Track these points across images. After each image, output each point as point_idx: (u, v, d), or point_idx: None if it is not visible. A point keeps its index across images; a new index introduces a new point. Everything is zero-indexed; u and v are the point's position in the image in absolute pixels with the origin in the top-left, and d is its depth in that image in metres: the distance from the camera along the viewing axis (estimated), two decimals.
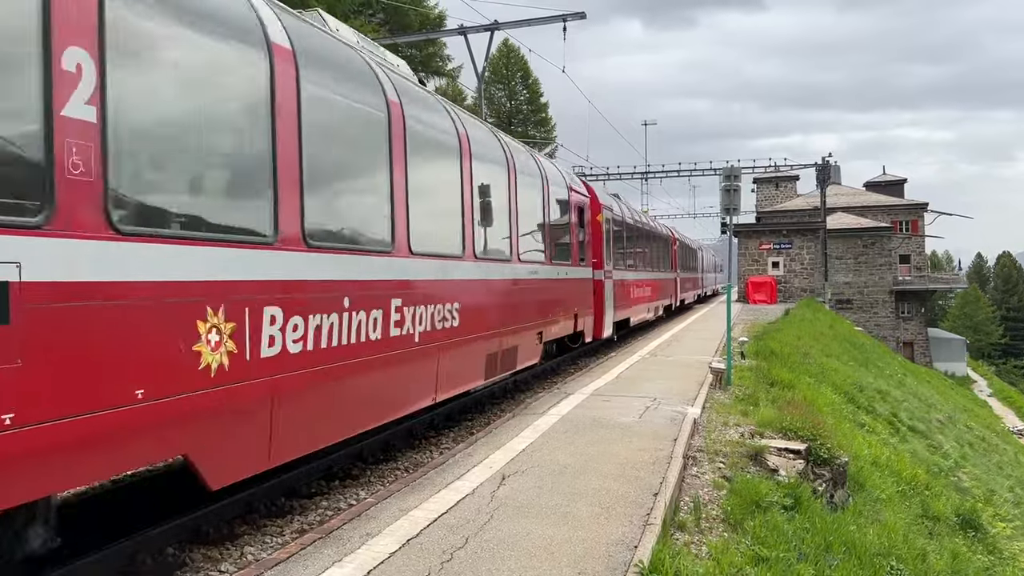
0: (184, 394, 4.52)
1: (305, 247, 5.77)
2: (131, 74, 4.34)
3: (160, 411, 4.33)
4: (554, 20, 21.30)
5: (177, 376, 4.47)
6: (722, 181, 13.01)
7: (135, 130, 4.41)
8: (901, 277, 59.34)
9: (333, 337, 6.09)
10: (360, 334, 6.50)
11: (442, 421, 10.17)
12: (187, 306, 4.58)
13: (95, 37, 4.01)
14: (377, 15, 39.14)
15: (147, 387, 4.23)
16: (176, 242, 4.55)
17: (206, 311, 4.70)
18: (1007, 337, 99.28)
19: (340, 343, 6.18)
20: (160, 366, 4.35)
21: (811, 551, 5.95)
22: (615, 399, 10.38)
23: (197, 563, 5.42)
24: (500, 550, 4.83)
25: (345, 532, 5.13)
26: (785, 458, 8.23)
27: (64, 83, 3.80)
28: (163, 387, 4.37)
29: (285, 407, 5.50)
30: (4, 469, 3.48)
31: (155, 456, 4.65)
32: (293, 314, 5.57)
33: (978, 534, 11.45)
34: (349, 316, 6.33)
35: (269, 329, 5.30)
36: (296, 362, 5.58)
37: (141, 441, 4.31)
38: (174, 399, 4.44)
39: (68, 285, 3.80)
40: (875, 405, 18.88)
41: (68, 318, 3.79)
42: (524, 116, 60.54)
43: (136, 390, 4.16)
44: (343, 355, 6.23)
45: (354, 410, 6.63)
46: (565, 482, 6.35)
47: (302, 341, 5.67)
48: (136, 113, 4.41)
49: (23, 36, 3.67)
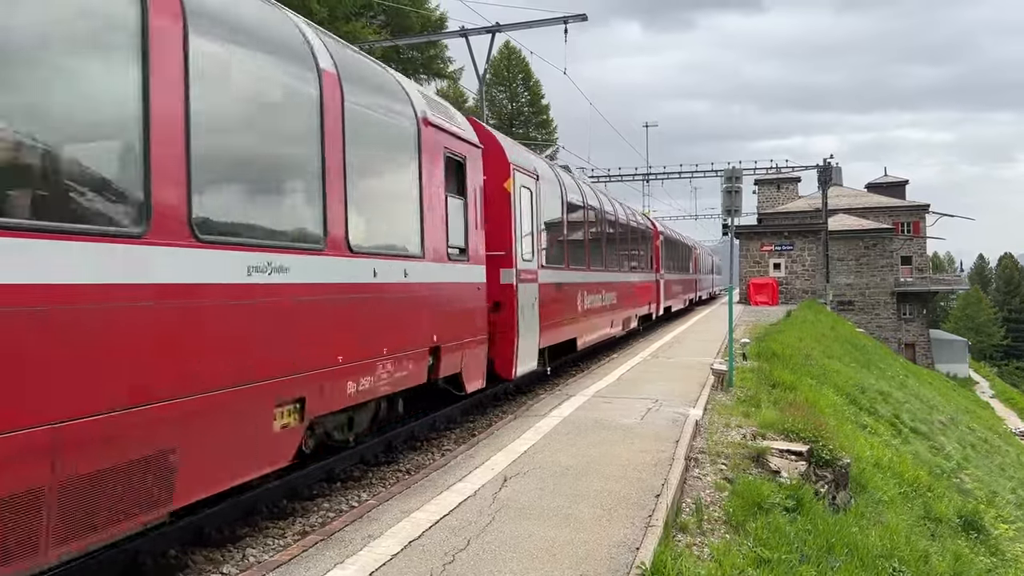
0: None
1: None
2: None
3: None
4: (555, 22, 21.31)
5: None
6: (723, 183, 13.01)
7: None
8: (903, 278, 59.30)
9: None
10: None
11: (443, 423, 10.17)
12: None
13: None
14: (378, 17, 39.18)
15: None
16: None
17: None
18: (1009, 338, 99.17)
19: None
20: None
21: (813, 553, 5.94)
22: (617, 401, 10.38)
23: (199, 565, 5.42)
24: (502, 552, 4.83)
25: (347, 534, 5.13)
26: (787, 460, 8.22)
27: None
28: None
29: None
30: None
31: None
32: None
33: (980, 536, 11.42)
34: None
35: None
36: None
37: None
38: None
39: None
40: (877, 407, 18.85)
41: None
42: (526, 118, 60.58)
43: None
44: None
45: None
46: (567, 484, 6.34)
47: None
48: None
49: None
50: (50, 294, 3.72)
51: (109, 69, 4.35)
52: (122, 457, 4.09)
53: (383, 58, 39.26)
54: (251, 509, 6.35)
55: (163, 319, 4.45)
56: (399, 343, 7.41)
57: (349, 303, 6.54)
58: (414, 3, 37.56)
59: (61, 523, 3.73)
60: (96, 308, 3.97)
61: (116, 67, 4.35)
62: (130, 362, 4.17)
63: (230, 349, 5.01)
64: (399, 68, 43.69)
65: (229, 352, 4.99)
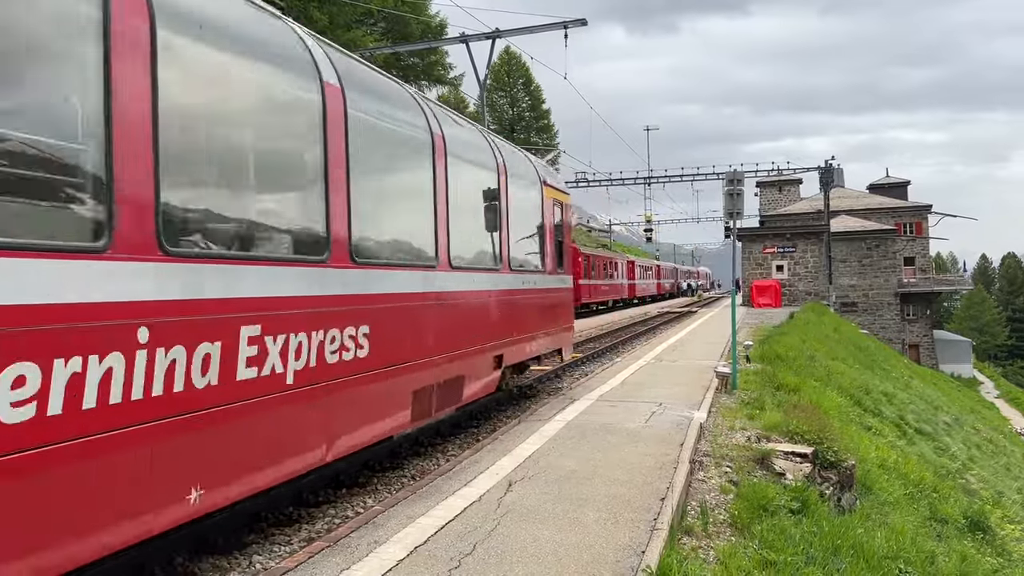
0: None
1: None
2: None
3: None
4: (555, 27, 21.37)
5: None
6: (725, 185, 13.02)
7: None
8: (906, 279, 59.27)
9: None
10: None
11: (448, 428, 10.18)
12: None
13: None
14: (379, 24, 39.31)
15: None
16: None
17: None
18: (1013, 338, 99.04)
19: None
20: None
21: (819, 554, 5.93)
22: (621, 404, 10.38)
23: (205, 572, 5.43)
24: (508, 556, 4.84)
25: (353, 540, 5.14)
26: (792, 462, 8.22)
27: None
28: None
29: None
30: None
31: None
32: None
33: (987, 536, 11.40)
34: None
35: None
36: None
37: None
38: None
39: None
40: (881, 408, 18.83)
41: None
42: (527, 123, 60.72)
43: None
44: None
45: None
46: (572, 488, 6.35)
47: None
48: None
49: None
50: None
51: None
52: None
53: (383, 65, 39.40)
54: (257, 516, 6.36)
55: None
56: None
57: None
58: (414, 10, 37.66)
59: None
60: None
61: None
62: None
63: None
64: (399, 75, 43.81)
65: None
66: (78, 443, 3.69)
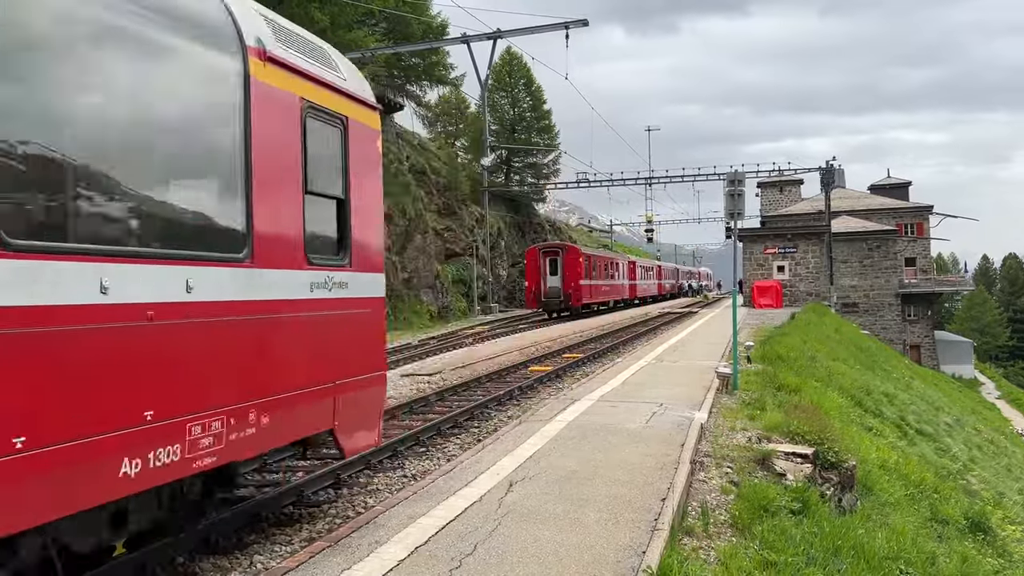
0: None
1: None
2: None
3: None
4: (556, 28, 21.40)
5: None
6: (726, 186, 13.02)
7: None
8: (907, 280, 59.23)
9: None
10: None
11: (449, 428, 10.18)
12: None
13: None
14: (380, 25, 39.29)
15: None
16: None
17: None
18: (1014, 339, 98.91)
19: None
20: None
21: (820, 555, 5.93)
22: (622, 405, 10.38)
23: (207, 572, 5.44)
24: (509, 556, 4.84)
25: (354, 540, 5.15)
26: (792, 462, 8.21)
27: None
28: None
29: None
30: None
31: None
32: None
33: (988, 537, 11.39)
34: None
35: None
36: None
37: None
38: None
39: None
40: (882, 408, 18.82)
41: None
42: (528, 123, 60.64)
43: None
44: None
45: None
46: (573, 488, 6.35)
47: None
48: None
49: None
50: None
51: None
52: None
53: (385, 65, 39.41)
54: (258, 516, 6.37)
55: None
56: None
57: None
58: (415, 10, 37.64)
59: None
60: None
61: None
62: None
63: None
64: (400, 75, 43.83)
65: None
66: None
